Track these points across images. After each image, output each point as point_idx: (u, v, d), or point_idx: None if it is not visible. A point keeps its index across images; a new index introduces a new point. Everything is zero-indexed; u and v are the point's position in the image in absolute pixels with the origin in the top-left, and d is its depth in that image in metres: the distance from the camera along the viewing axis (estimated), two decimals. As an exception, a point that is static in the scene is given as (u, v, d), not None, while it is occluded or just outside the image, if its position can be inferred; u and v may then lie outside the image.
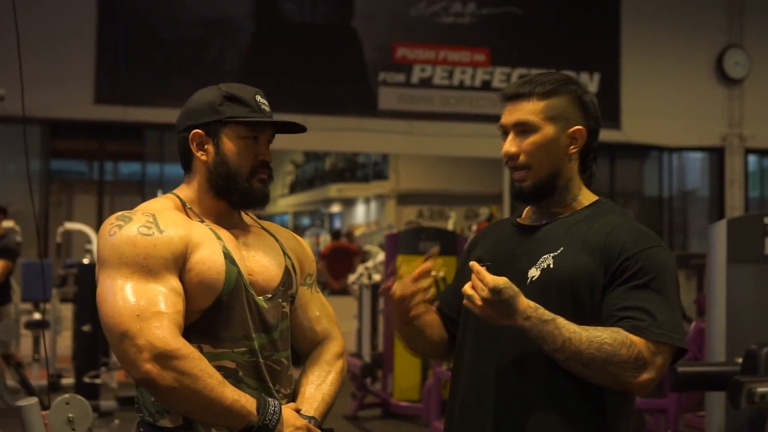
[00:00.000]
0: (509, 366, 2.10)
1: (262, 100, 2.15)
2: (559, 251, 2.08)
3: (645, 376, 1.96)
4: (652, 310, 1.98)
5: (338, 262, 12.09)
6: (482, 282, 1.96)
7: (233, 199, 2.13)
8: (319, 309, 2.29)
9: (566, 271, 2.06)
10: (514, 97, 2.16)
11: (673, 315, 2.01)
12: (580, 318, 2.00)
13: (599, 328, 1.97)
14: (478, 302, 1.97)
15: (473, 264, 2.01)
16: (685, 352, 2.05)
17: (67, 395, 2.93)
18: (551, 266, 2.08)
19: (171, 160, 11.70)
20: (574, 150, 2.15)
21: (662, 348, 1.98)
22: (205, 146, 2.12)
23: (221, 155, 2.10)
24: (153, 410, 2.05)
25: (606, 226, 2.08)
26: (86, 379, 7.51)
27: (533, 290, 2.04)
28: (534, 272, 2.09)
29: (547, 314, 1.97)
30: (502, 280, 1.96)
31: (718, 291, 4.10)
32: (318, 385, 2.18)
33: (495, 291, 1.95)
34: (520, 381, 2.08)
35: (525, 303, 1.97)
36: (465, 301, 2.01)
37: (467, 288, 2.00)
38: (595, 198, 2.20)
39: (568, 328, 1.96)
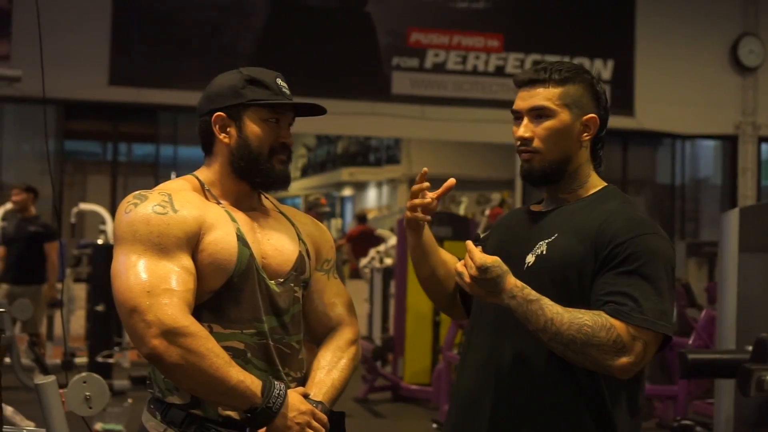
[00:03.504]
0: (510, 354, 2.12)
1: (283, 84, 2.17)
2: (553, 237, 2.11)
3: (624, 359, 1.97)
4: (637, 295, 1.99)
5: (363, 244, 12.16)
6: (472, 260, 2.00)
7: (256, 180, 2.15)
8: (335, 295, 2.30)
9: (557, 257, 2.08)
10: (529, 83, 2.18)
11: (660, 301, 2.00)
12: (569, 303, 2.01)
13: (582, 310, 1.98)
14: (467, 279, 2.00)
15: (468, 243, 2.04)
16: (670, 339, 2.04)
17: (84, 374, 2.97)
18: (544, 252, 2.10)
19: (185, 142, 11.72)
20: (587, 137, 2.17)
21: (644, 333, 1.98)
22: (228, 129, 2.14)
23: (243, 137, 2.13)
24: (163, 387, 2.08)
25: (603, 213, 2.09)
26: (99, 359, 7.58)
27: (529, 276, 2.07)
28: (530, 258, 2.12)
29: (533, 294, 1.99)
30: (490, 259, 1.99)
31: (729, 279, 4.11)
32: (328, 371, 2.19)
33: (482, 269, 1.98)
34: (519, 369, 2.11)
35: (512, 282, 2.00)
36: (456, 277, 2.05)
37: (459, 265, 2.04)
38: (602, 185, 2.21)
39: (551, 308, 1.98)
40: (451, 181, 2.19)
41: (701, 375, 4.30)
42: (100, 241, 8.01)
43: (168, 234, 2.01)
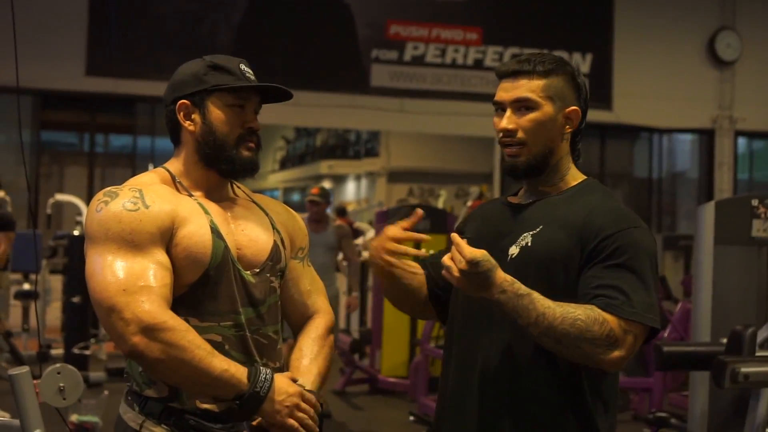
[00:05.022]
0: (493, 347, 2.12)
1: (247, 69, 2.15)
2: (538, 230, 2.10)
3: (616, 353, 1.97)
4: (627, 289, 1.99)
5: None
6: (461, 254, 1.96)
7: (222, 166, 2.13)
8: (310, 283, 2.30)
9: (542, 249, 2.07)
10: (513, 74, 2.16)
11: (647, 295, 2.01)
12: (554, 296, 2.00)
13: (573, 304, 1.98)
14: (456, 273, 1.97)
15: (453, 236, 2.02)
16: (657, 332, 2.06)
17: (58, 365, 2.94)
18: (529, 244, 2.09)
19: (162, 133, 11.64)
20: (570, 130, 2.17)
21: (634, 327, 1.99)
22: (192, 116, 2.12)
23: (208, 124, 2.11)
24: (140, 380, 2.07)
25: (587, 206, 2.10)
26: (75, 350, 7.54)
27: (512, 268, 2.05)
28: (514, 250, 2.11)
29: (523, 289, 1.98)
30: (480, 253, 1.96)
31: (704, 272, 4.14)
32: (312, 359, 2.19)
33: (472, 263, 1.95)
34: (501, 361, 2.10)
35: (501, 276, 1.97)
36: (443, 272, 2.00)
37: (446, 259, 1.99)
38: (582, 178, 2.21)
39: (542, 303, 1.97)
40: (420, 212, 2.17)
41: (676, 367, 4.33)
42: (76, 233, 7.96)
43: (141, 230, 1.99)
